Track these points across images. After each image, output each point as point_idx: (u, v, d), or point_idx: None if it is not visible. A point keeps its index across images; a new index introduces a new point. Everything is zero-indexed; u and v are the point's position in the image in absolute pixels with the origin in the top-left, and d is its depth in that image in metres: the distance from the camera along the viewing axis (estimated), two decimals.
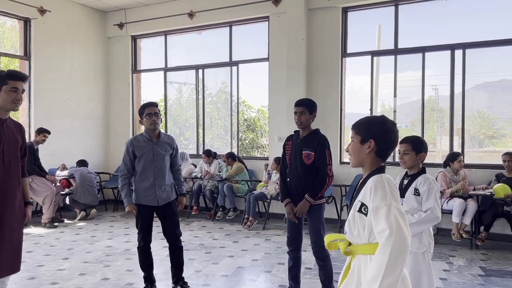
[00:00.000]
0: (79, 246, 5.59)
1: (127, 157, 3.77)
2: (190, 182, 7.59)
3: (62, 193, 7.28)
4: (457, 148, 6.49)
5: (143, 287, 3.91)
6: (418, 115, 6.86)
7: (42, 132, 6.84)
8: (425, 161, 6.46)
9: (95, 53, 8.98)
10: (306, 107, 3.50)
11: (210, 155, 7.65)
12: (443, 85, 6.79)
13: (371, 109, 6.94)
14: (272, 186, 6.72)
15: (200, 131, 8.59)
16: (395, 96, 6.76)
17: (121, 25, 8.92)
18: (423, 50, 6.57)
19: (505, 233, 5.62)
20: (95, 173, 7.87)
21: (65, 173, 7.58)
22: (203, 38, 8.92)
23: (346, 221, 1.84)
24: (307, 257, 4.57)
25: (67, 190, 7.48)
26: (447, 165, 5.91)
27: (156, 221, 3.89)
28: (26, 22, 7.73)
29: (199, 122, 8.59)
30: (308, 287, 4.07)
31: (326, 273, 3.50)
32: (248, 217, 6.71)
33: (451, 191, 5.70)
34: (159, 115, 3.77)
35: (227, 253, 5.25)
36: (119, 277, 4.38)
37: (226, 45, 8.11)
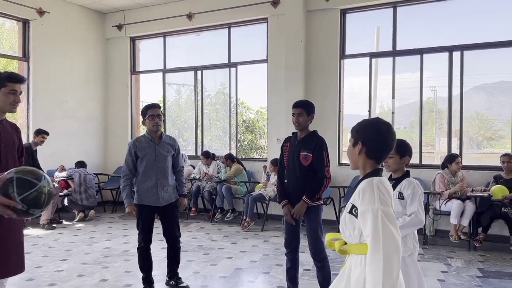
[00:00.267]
0: (77, 247, 5.58)
1: (129, 158, 3.80)
2: (188, 183, 7.59)
3: (60, 194, 7.27)
4: (456, 149, 6.50)
5: None
6: (416, 116, 6.87)
7: (40, 133, 6.83)
8: (424, 162, 6.62)
9: (94, 55, 8.98)
10: (304, 109, 3.51)
11: (208, 157, 7.66)
12: (442, 87, 6.81)
13: (370, 111, 6.96)
14: (270, 187, 6.73)
15: (198, 132, 8.59)
16: (393, 97, 6.78)
17: (120, 27, 8.92)
18: (421, 52, 6.58)
19: (503, 235, 5.63)
20: (94, 174, 7.87)
21: (63, 174, 7.58)
22: (202, 39, 8.93)
23: (340, 221, 1.87)
24: (305, 258, 4.57)
25: (65, 191, 7.47)
26: (445, 166, 5.92)
27: (155, 222, 3.90)
28: (24, 23, 7.73)
29: (197, 123, 8.60)
30: None
31: (324, 275, 3.50)
32: (246, 218, 6.71)
33: (449, 192, 5.72)
34: (162, 117, 3.82)
35: (226, 255, 5.25)
36: (117, 278, 4.38)
37: (225, 46, 8.12)
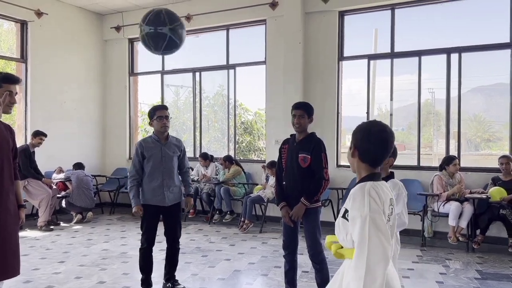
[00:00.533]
0: (75, 249, 5.56)
1: (136, 158, 3.84)
2: None
3: (58, 196, 7.25)
4: (454, 151, 6.51)
5: None
6: (414, 118, 6.88)
7: (38, 135, 6.80)
8: (422, 164, 6.63)
9: (92, 56, 8.97)
10: (305, 110, 3.51)
11: (206, 158, 7.65)
12: (439, 89, 6.82)
13: (368, 113, 6.96)
14: (269, 189, 6.72)
15: (197, 134, 8.59)
16: (391, 99, 6.79)
17: (118, 28, 8.92)
18: (419, 54, 6.59)
19: (501, 236, 5.64)
20: (92, 176, 7.84)
21: (61, 176, 7.56)
22: (200, 41, 8.93)
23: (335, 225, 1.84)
24: (304, 260, 4.57)
25: (63, 193, 7.45)
26: (443, 168, 5.92)
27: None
28: (23, 24, 7.72)
29: (196, 125, 8.59)
30: None
31: (322, 277, 3.50)
32: (244, 220, 6.70)
33: (447, 194, 5.72)
34: (169, 118, 3.87)
35: (224, 256, 5.24)
36: (115, 280, 4.36)
37: (223, 48, 8.11)
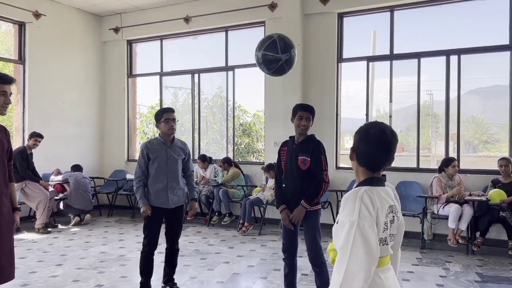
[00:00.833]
0: (72, 252, 5.53)
1: (142, 159, 3.84)
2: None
3: (56, 198, 7.21)
4: (452, 153, 6.50)
5: None
6: (413, 120, 6.87)
7: (33, 136, 6.76)
8: (421, 166, 6.60)
9: (91, 58, 8.94)
10: (311, 114, 3.50)
11: (205, 160, 7.62)
12: (438, 90, 6.80)
13: (367, 114, 6.94)
14: (268, 192, 6.70)
15: (195, 135, 8.56)
16: (390, 101, 6.77)
17: (116, 30, 8.89)
18: (418, 55, 6.59)
19: (501, 239, 5.62)
20: (90, 178, 7.80)
21: (59, 178, 7.51)
22: (199, 42, 8.91)
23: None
24: (303, 263, 4.54)
25: (61, 195, 7.40)
26: (441, 170, 5.91)
27: None
28: (20, 26, 7.69)
29: (194, 126, 8.57)
30: None
31: (322, 280, 3.47)
32: (243, 222, 6.67)
33: (446, 196, 5.71)
34: (176, 121, 3.87)
35: (223, 259, 5.21)
36: (113, 283, 4.32)
37: (222, 50, 8.10)
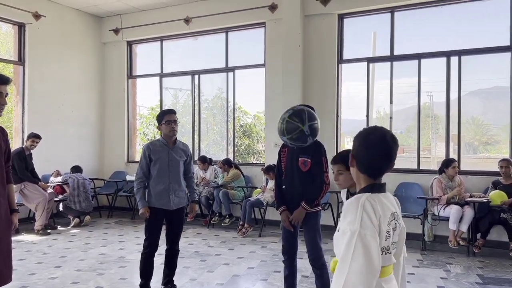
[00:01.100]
0: (72, 253, 5.50)
1: (144, 160, 3.85)
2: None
3: (55, 199, 7.18)
4: (453, 154, 6.48)
5: None
6: (413, 121, 6.85)
7: (31, 137, 6.73)
8: (421, 167, 6.58)
9: (90, 59, 8.93)
10: None
11: (205, 162, 7.61)
12: (438, 92, 6.79)
13: (367, 116, 6.93)
14: (268, 193, 6.68)
15: (196, 137, 8.55)
16: (391, 102, 6.75)
17: (116, 31, 8.88)
18: (419, 56, 6.58)
19: (502, 240, 5.60)
20: (89, 179, 7.79)
21: (59, 179, 7.50)
22: (199, 44, 8.90)
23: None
24: (304, 264, 4.53)
25: (60, 196, 7.38)
26: (442, 171, 5.90)
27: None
28: (20, 27, 7.68)
29: (195, 128, 8.55)
30: None
31: (323, 282, 3.44)
32: (243, 224, 6.65)
33: (447, 197, 5.69)
34: (177, 122, 3.86)
35: (223, 261, 5.19)
36: (112, 285, 4.30)
37: (222, 51, 8.08)
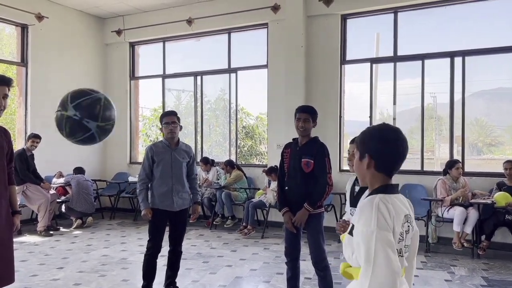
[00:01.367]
0: (74, 255, 5.49)
1: (146, 162, 3.85)
2: None
3: (58, 201, 7.18)
4: (456, 155, 6.43)
5: None
6: (416, 122, 6.80)
7: (31, 137, 6.73)
8: (425, 169, 6.54)
9: (93, 60, 8.93)
10: (310, 115, 3.45)
11: (207, 163, 7.59)
12: (441, 93, 6.75)
13: (371, 117, 6.89)
14: (270, 193, 6.66)
15: (198, 138, 8.53)
16: (394, 103, 6.70)
17: (119, 32, 8.89)
18: (422, 57, 6.54)
19: (507, 242, 5.56)
20: (92, 180, 7.78)
21: (61, 180, 7.49)
22: (201, 45, 8.89)
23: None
24: (307, 266, 4.49)
25: (63, 197, 7.38)
26: (446, 172, 5.86)
27: None
28: (23, 28, 7.69)
29: (197, 129, 8.54)
30: None
31: (326, 284, 3.42)
32: (246, 225, 6.63)
33: (451, 198, 5.65)
34: (177, 124, 3.86)
35: (225, 263, 5.16)
36: (114, 287, 4.28)
37: (225, 52, 8.07)
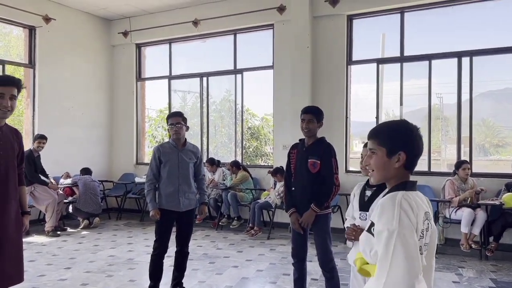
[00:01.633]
0: (81, 255, 5.52)
1: (154, 162, 3.87)
2: None
3: (65, 201, 7.22)
4: (463, 156, 6.37)
5: None
6: (422, 123, 6.75)
7: (37, 138, 6.77)
8: (432, 170, 6.49)
9: (100, 61, 8.99)
10: (314, 115, 3.44)
11: (213, 164, 7.60)
12: (448, 93, 6.70)
13: (377, 117, 6.87)
14: (273, 195, 6.65)
15: (204, 139, 8.55)
16: (401, 104, 6.67)
17: (125, 33, 8.93)
18: (429, 57, 6.50)
19: None
20: (99, 181, 7.82)
21: (68, 181, 7.54)
22: (207, 46, 8.91)
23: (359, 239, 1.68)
24: (313, 267, 4.48)
25: (70, 198, 7.43)
26: (455, 173, 5.82)
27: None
28: (31, 30, 7.75)
29: (203, 130, 8.56)
30: None
31: (333, 285, 3.41)
32: (253, 226, 6.63)
33: (458, 199, 5.61)
34: (182, 125, 3.86)
35: (231, 263, 5.16)
36: (121, 287, 4.30)
37: (230, 53, 8.08)
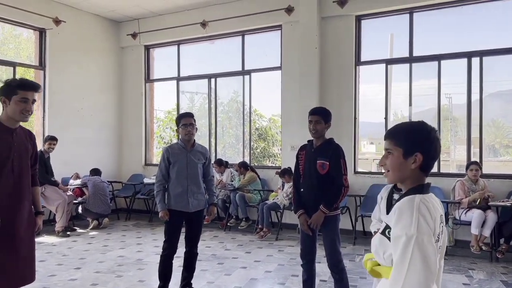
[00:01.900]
0: (91, 255, 5.57)
1: (163, 163, 3.89)
2: None
3: (74, 202, 7.29)
4: (473, 157, 6.32)
5: None
6: (431, 124, 6.67)
7: (48, 140, 6.87)
8: (442, 171, 6.44)
9: (109, 63, 9.06)
10: (321, 116, 3.42)
11: (221, 164, 7.62)
12: (457, 94, 6.65)
13: (386, 118, 6.83)
14: (281, 196, 6.64)
15: (212, 140, 8.57)
16: (410, 104, 6.63)
17: (134, 35, 8.99)
18: (439, 58, 6.46)
19: None
20: (108, 182, 7.88)
21: (78, 182, 7.60)
22: (215, 47, 8.94)
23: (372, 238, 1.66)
24: (322, 269, 4.47)
25: (79, 199, 7.49)
26: (466, 174, 5.78)
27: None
28: (41, 32, 7.84)
29: (211, 131, 8.58)
30: None
31: (342, 286, 3.40)
32: (262, 227, 6.63)
33: (468, 200, 5.56)
34: (194, 126, 3.89)
35: (240, 264, 5.17)
36: (131, 287, 4.33)
37: (238, 54, 8.10)
